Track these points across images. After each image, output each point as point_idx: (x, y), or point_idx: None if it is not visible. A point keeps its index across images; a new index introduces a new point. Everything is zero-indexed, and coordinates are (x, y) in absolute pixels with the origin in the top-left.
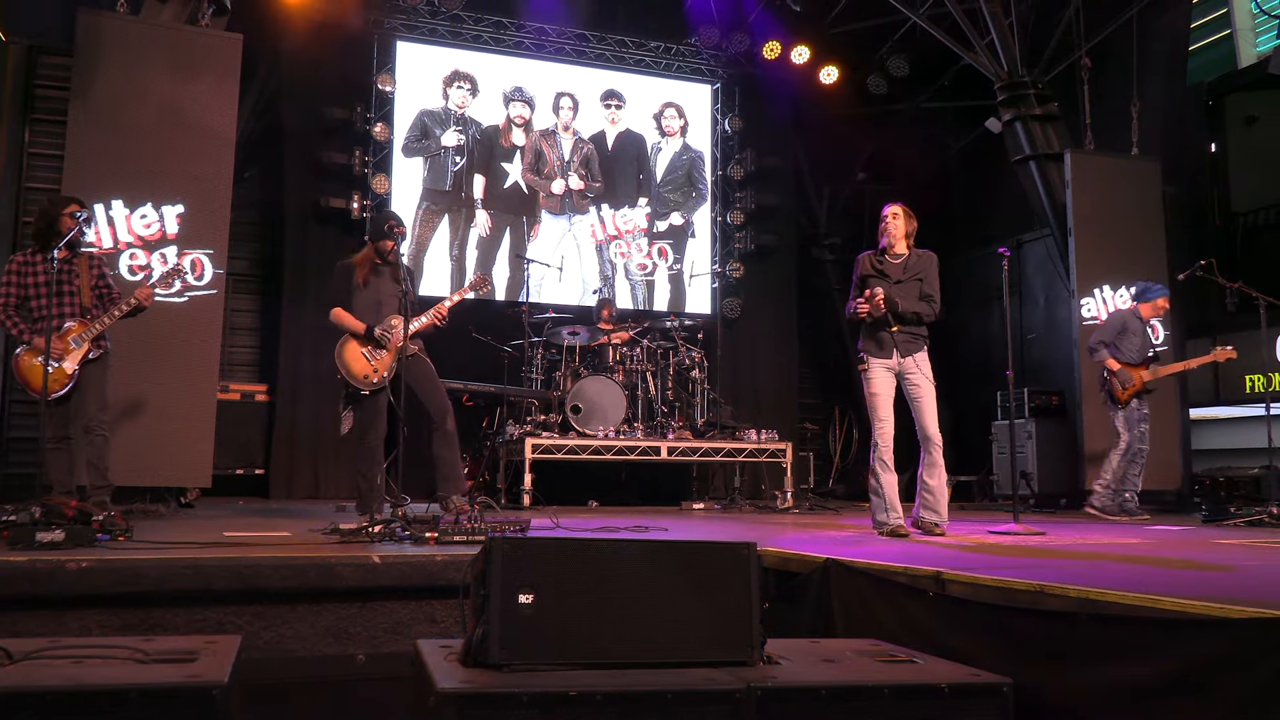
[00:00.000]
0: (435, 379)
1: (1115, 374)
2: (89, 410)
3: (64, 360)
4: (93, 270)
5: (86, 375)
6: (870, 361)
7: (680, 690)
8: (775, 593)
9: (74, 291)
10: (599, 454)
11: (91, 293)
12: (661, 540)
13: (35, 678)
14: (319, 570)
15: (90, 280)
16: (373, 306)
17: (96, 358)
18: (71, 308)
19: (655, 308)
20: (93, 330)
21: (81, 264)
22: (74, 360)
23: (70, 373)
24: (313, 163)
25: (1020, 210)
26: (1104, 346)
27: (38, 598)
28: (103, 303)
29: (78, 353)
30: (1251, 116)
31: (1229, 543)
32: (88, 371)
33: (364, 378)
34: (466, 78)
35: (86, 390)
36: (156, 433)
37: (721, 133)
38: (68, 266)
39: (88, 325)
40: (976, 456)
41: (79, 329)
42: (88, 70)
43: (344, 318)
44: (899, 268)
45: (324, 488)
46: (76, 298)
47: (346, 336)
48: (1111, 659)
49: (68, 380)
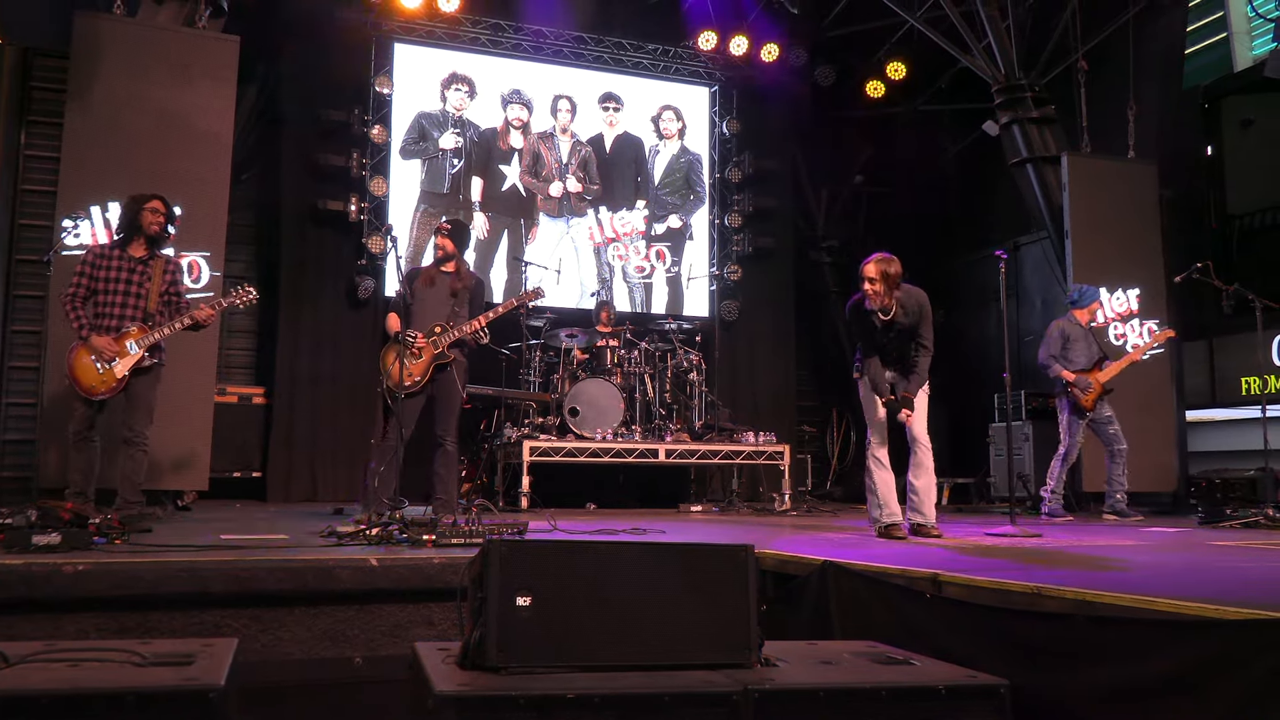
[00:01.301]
0: (457, 402)
1: (1074, 384)
2: (137, 423)
3: (116, 363)
4: (165, 275)
5: (136, 385)
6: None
7: (678, 693)
8: (773, 595)
9: (142, 294)
10: (597, 456)
11: (160, 298)
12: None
13: (32, 681)
14: (316, 573)
15: (161, 285)
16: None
17: (149, 367)
18: (136, 310)
19: (653, 310)
20: (151, 337)
21: (156, 266)
22: (126, 365)
23: (120, 377)
24: (310, 165)
25: (1017, 213)
26: (1053, 360)
27: (34, 601)
28: (169, 310)
29: (131, 359)
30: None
31: (1225, 545)
32: (138, 381)
33: (397, 383)
34: (464, 80)
35: (135, 401)
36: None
37: (719, 135)
38: (141, 267)
39: (147, 331)
40: (973, 459)
41: (138, 334)
42: (84, 72)
43: (389, 320)
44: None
45: (321, 491)
46: (143, 301)
47: (390, 342)
48: (1108, 660)
49: (115, 384)
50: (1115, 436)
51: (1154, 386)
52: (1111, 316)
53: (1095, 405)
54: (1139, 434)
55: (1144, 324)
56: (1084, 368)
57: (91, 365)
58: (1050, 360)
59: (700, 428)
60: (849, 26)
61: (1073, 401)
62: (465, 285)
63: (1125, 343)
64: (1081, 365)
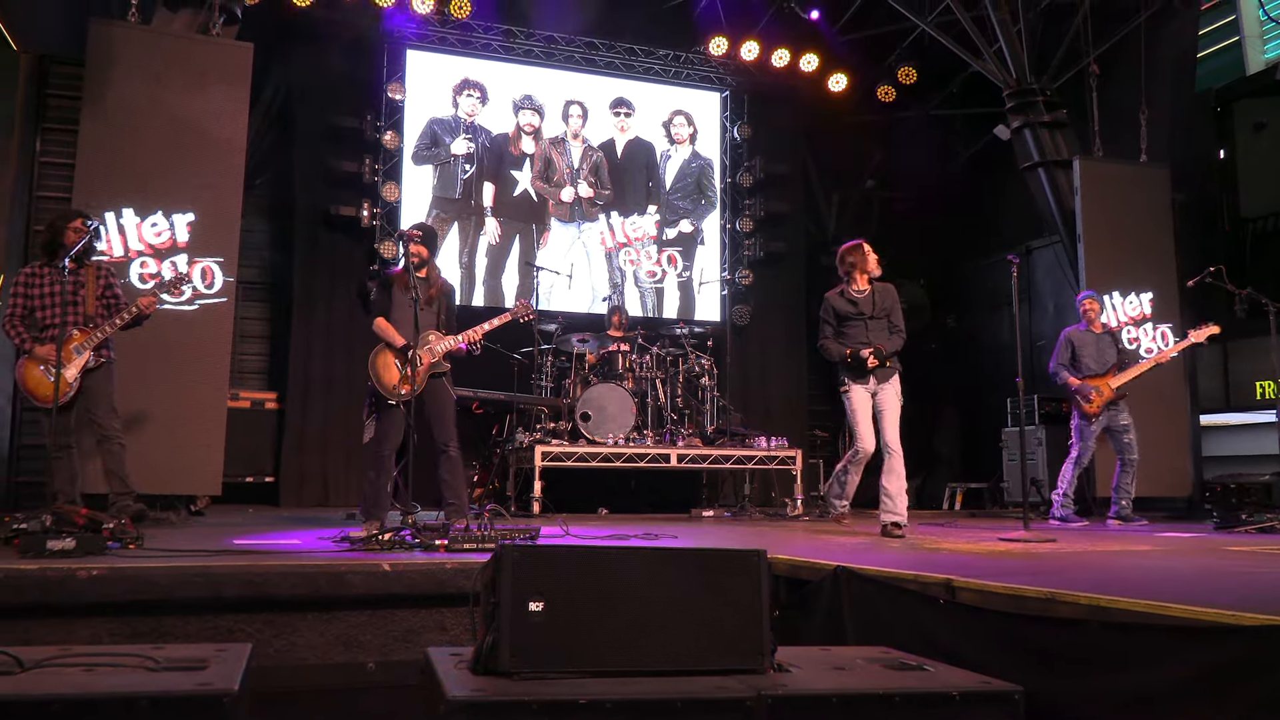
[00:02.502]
0: (450, 407)
1: (1076, 390)
2: (100, 418)
3: (65, 368)
4: (99, 280)
5: (90, 384)
6: (851, 385)
7: (691, 698)
8: (786, 600)
9: (78, 301)
10: (609, 461)
11: (97, 302)
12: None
13: (46, 685)
14: (329, 578)
15: (96, 290)
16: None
17: (97, 366)
18: (75, 317)
19: (665, 315)
20: (94, 338)
21: (88, 274)
22: (75, 368)
23: (71, 380)
24: (323, 170)
25: (1029, 217)
26: (1061, 368)
27: (49, 606)
28: (109, 312)
29: (79, 361)
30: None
31: (1240, 549)
32: (91, 380)
33: (393, 387)
34: (476, 86)
35: (94, 399)
36: (167, 441)
37: (730, 140)
38: (74, 277)
39: (89, 333)
40: (987, 464)
41: (81, 338)
42: (99, 79)
43: (386, 329)
44: (869, 303)
45: (334, 495)
46: (80, 307)
47: (382, 345)
48: (1123, 666)
49: (68, 389)
50: (1129, 446)
51: (1168, 391)
52: (1125, 320)
53: (1102, 411)
54: (1153, 439)
55: (1157, 328)
56: (1095, 373)
57: (42, 375)
58: (1058, 368)
59: (712, 432)
60: (860, 31)
61: (1077, 408)
62: (441, 291)
63: (1138, 346)
64: (1092, 371)
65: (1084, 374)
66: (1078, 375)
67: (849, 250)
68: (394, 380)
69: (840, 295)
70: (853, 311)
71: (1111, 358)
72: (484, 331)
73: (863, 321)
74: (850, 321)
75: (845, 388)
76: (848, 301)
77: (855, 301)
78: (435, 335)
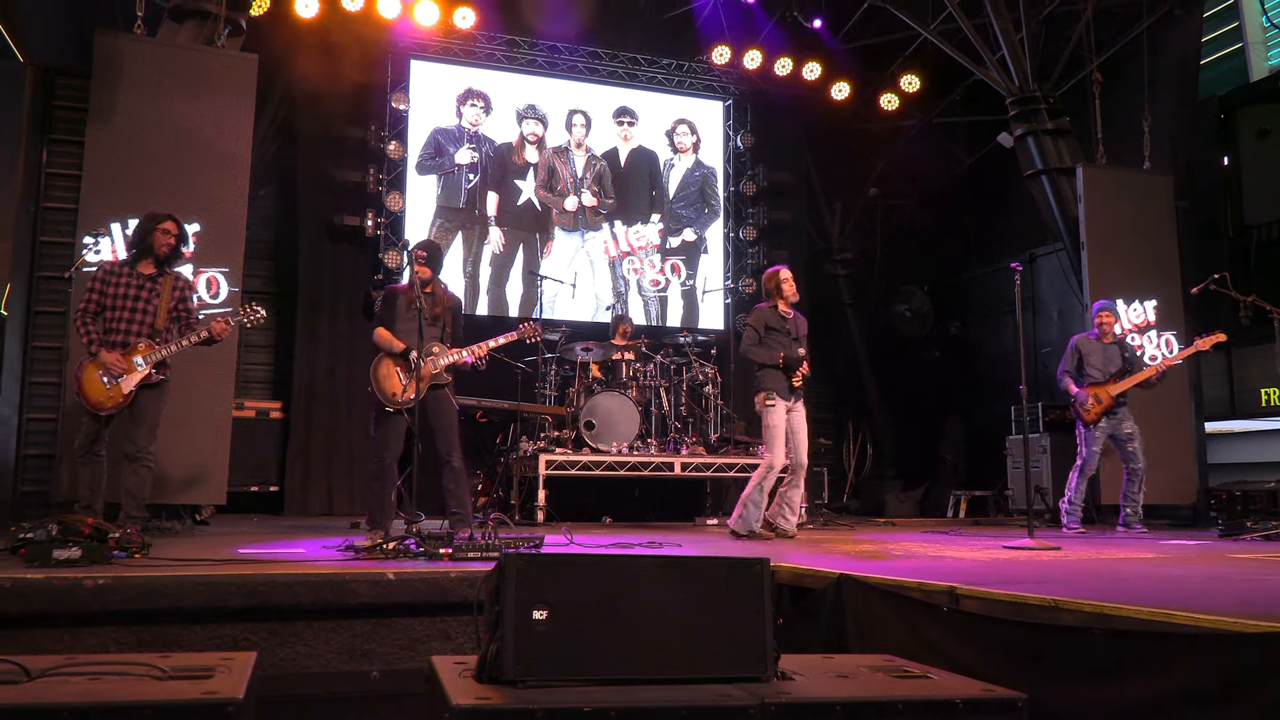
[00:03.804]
0: (453, 418)
1: (1075, 397)
2: (139, 438)
3: (123, 379)
4: (175, 292)
5: (143, 401)
6: (778, 401)
7: (694, 706)
8: (789, 608)
9: (150, 311)
10: (613, 470)
11: (168, 314)
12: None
13: (52, 694)
14: (334, 587)
15: (170, 302)
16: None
17: (156, 383)
18: (143, 326)
19: (668, 323)
20: (159, 353)
21: (165, 284)
22: (133, 381)
23: (126, 392)
24: (327, 181)
25: (1033, 224)
26: (1065, 375)
27: (55, 615)
28: (177, 326)
29: (138, 374)
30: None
31: (1245, 557)
32: (144, 397)
33: (393, 395)
34: (480, 96)
35: (141, 417)
36: (172, 450)
37: (734, 149)
38: (150, 284)
39: (155, 348)
40: (991, 471)
41: (145, 350)
42: (105, 91)
43: (385, 338)
44: (793, 325)
45: (338, 504)
46: (150, 317)
47: (382, 354)
48: (1127, 674)
49: (122, 400)
50: (1132, 455)
51: (1173, 398)
52: (1129, 328)
53: (1105, 419)
54: (1158, 446)
55: (1161, 335)
56: (1098, 381)
57: (99, 380)
58: (1062, 375)
59: (716, 441)
60: (862, 40)
61: (1077, 414)
62: (447, 307)
63: (1143, 354)
64: (1096, 379)
65: (1088, 381)
66: (1081, 383)
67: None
68: (395, 389)
69: (769, 307)
70: (780, 329)
71: (1116, 365)
72: (489, 349)
73: (789, 339)
74: (776, 333)
75: (772, 402)
76: (778, 315)
77: (784, 319)
78: (439, 347)
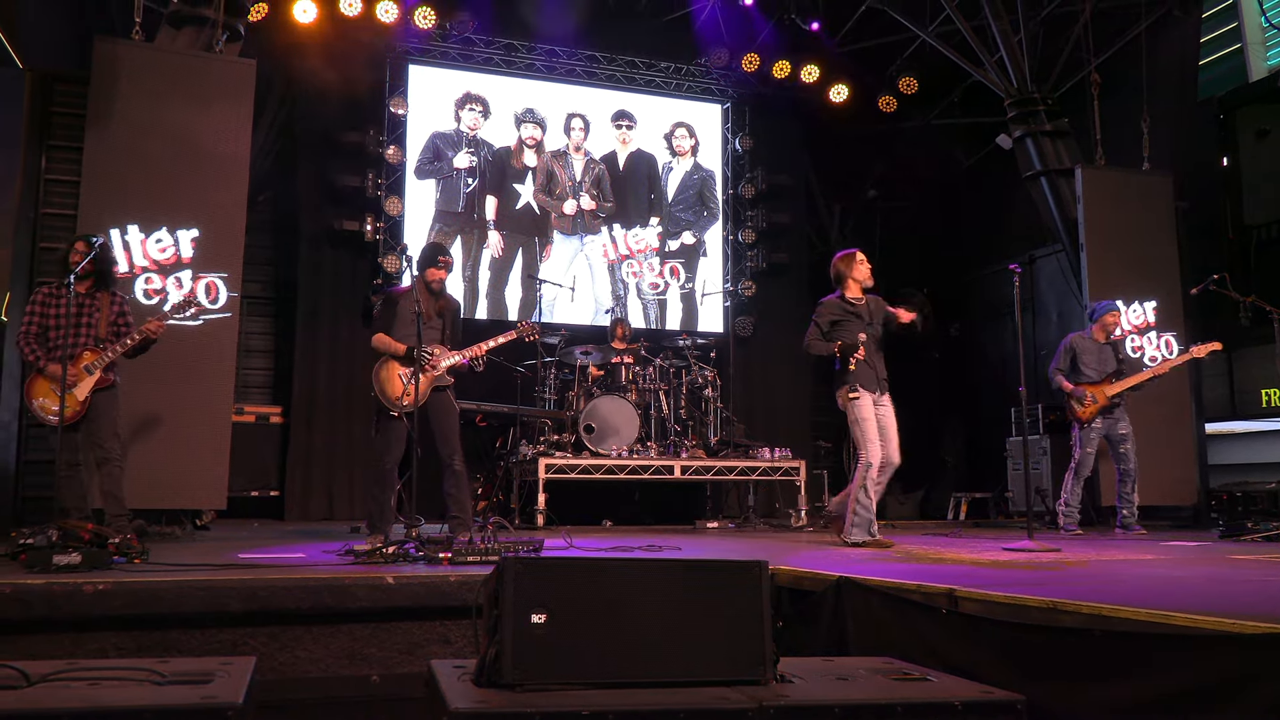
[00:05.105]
0: (455, 421)
1: (1070, 394)
2: (103, 439)
3: (75, 387)
4: (113, 307)
5: (98, 404)
6: (862, 392)
7: (693, 709)
8: (789, 611)
9: (93, 324)
10: (612, 473)
11: (109, 327)
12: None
13: (52, 699)
14: (333, 591)
15: (110, 315)
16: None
17: (106, 387)
18: (88, 339)
19: (668, 327)
20: (105, 358)
21: (104, 299)
22: (86, 388)
23: (82, 400)
24: (326, 186)
25: (1032, 226)
26: (1058, 373)
27: (55, 620)
28: (118, 336)
29: (89, 381)
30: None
31: (1245, 558)
32: (99, 400)
33: (396, 399)
34: (478, 100)
35: (99, 419)
36: (172, 455)
37: (732, 152)
38: (89, 301)
39: (100, 353)
40: (991, 473)
41: (92, 357)
42: (104, 97)
43: (385, 342)
44: (866, 310)
45: (338, 509)
46: (93, 330)
47: (384, 358)
48: (1126, 676)
49: (79, 407)
50: (1124, 457)
51: (1173, 399)
52: (1129, 329)
53: (1100, 419)
54: (1158, 447)
55: (1161, 336)
56: (1093, 380)
57: (53, 392)
58: (1054, 373)
59: (715, 444)
60: (860, 42)
61: (1071, 412)
62: (447, 308)
63: (1142, 355)
64: (1090, 379)
65: (1081, 380)
66: (1073, 381)
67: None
68: (397, 392)
69: (838, 299)
70: (851, 315)
71: (1111, 366)
72: (487, 349)
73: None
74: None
75: (855, 394)
76: (845, 305)
77: (852, 306)
78: (440, 349)
